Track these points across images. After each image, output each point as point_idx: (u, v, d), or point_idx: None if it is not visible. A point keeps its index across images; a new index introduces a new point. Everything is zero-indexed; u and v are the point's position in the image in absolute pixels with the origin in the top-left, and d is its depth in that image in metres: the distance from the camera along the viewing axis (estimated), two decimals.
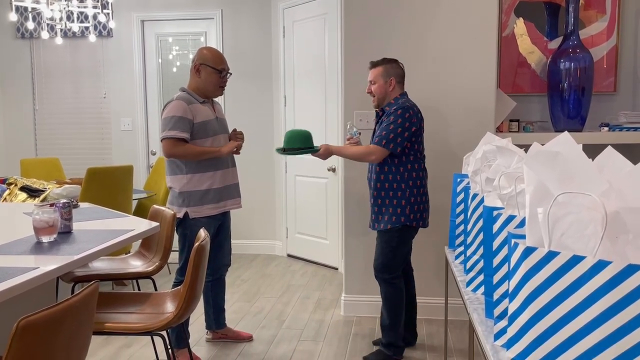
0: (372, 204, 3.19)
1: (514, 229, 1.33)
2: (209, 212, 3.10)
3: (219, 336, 3.47)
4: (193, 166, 3.05)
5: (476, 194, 1.86)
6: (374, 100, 3.18)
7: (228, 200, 3.19)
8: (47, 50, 5.88)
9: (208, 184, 3.08)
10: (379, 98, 3.16)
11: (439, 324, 3.73)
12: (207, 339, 3.48)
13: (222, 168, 3.13)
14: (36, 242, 2.08)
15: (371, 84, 3.15)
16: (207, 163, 3.07)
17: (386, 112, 3.11)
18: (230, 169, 3.20)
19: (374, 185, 3.14)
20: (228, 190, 3.18)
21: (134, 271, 2.68)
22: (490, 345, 1.39)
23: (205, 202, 3.08)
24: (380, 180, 3.11)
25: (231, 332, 3.48)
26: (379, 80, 3.13)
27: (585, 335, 0.89)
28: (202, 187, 3.07)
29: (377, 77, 3.14)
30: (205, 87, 3.13)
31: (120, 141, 5.87)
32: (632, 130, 3.68)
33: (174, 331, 3.12)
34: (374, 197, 3.15)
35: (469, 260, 1.90)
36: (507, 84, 4.09)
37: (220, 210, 3.15)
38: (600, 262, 0.87)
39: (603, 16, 4.00)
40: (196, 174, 3.05)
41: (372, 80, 3.15)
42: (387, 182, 3.10)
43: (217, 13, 5.62)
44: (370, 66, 3.18)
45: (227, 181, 3.17)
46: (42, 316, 1.27)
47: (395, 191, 3.09)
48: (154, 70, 5.81)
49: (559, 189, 0.98)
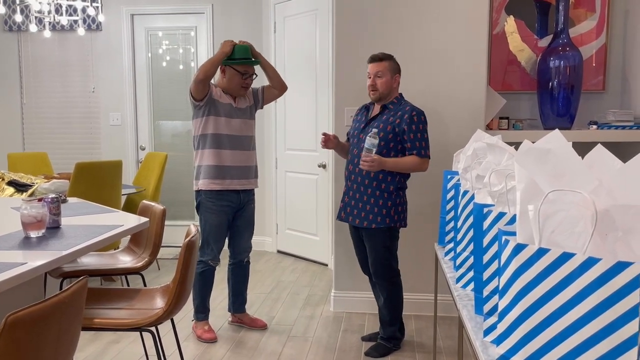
0: (355, 198, 3.14)
1: (505, 226, 1.34)
2: (214, 186, 3.33)
3: (236, 320, 3.65)
4: (206, 143, 3.33)
5: (466, 191, 1.87)
6: (374, 94, 3.10)
7: (234, 179, 3.38)
8: (35, 43, 5.82)
9: (217, 159, 3.33)
10: (382, 93, 3.09)
11: (428, 320, 3.75)
12: (229, 321, 3.68)
13: (231, 148, 3.35)
14: (24, 237, 2.06)
15: (376, 77, 3.07)
16: (220, 141, 3.33)
17: (391, 109, 3.09)
18: (242, 151, 3.40)
19: (365, 181, 3.10)
20: (237, 170, 3.38)
21: (123, 267, 2.66)
22: (480, 341, 1.40)
23: (210, 177, 3.33)
24: (371, 177, 3.09)
25: (247, 318, 3.63)
26: (386, 75, 3.07)
27: (575, 332, 0.90)
28: (212, 163, 3.33)
29: (385, 71, 3.07)
30: (228, 86, 3.38)
31: (109, 136, 5.83)
32: (620, 128, 3.71)
33: (195, 303, 3.45)
34: (361, 192, 3.11)
35: (458, 257, 1.91)
36: (497, 82, 4.10)
37: (225, 187, 3.35)
38: (590, 259, 0.88)
39: (592, 15, 4.02)
40: (205, 149, 3.35)
41: (379, 73, 3.06)
42: (376, 180, 3.08)
43: (207, 8, 5.58)
44: (375, 59, 3.09)
45: (236, 161, 3.37)
46: (30, 312, 1.26)
47: (383, 191, 3.08)
48: (144, 64, 5.77)
49: (550, 186, 0.98)
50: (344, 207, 3.22)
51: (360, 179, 3.12)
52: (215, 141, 3.33)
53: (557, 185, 0.98)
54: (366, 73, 3.18)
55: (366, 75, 3.15)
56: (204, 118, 3.33)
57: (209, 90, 3.31)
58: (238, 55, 3.33)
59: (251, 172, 3.46)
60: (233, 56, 3.33)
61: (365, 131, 3.12)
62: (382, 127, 3.07)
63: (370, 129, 3.08)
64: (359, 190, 3.12)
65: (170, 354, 3.16)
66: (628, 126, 3.70)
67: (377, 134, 2.99)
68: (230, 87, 3.37)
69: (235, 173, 3.37)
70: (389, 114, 3.09)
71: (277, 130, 5.51)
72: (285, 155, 5.44)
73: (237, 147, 3.37)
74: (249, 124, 3.44)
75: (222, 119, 3.33)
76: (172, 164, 5.72)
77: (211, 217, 3.36)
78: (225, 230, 3.43)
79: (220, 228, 3.38)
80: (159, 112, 5.84)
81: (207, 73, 3.24)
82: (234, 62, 3.33)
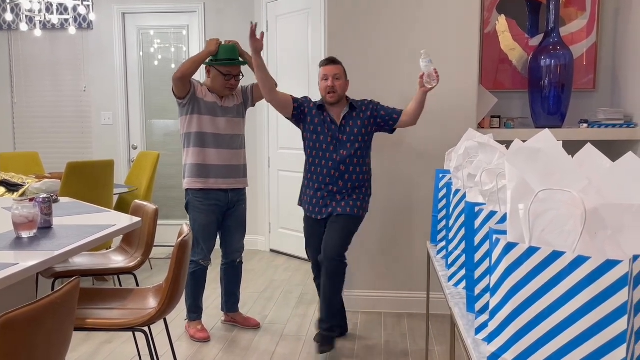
0: (334, 191, 3.18)
1: (496, 224, 1.35)
2: (198, 184, 3.33)
3: (229, 319, 3.65)
4: (190, 141, 3.34)
5: (458, 190, 1.88)
6: (332, 96, 3.15)
7: (220, 178, 3.36)
8: (26, 42, 5.78)
9: (201, 158, 3.32)
10: (340, 95, 3.18)
11: (421, 318, 3.76)
12: (222, 320, 3.68)
13: (215, 147, 3.34)
14: (16, 237, 2.05)
15: (335, 79, 3.14)
16: (204, 140, 3.32)
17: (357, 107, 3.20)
18: (228, 150, 3.38)
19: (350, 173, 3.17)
20: (221, 169, 3.36)
21: (116, 267, 2.65)
22: (472, 339, 1.41)
23: (193, 176, 3.34)
24: (358, 170, 3.18)
25: (240, 317, 3.63)
26: (342, 77, 3.18)
27: (565, 329, 0.91)
28: (196, 161, 3.33)
29: (341, 74, 3.18)
30: (212, 86, 3.37)
31: (101, 135, 5.81)
32: (610, 127, 3.74)
33: (187, 303, 3.44)
34: (344, 182, 3.16)
35: (450, 255, 1.92)
36: (489, 81, 4.12)
37: (209, 186, 3.34)
38: (579, 257, 0.89)
39: (583, 14, 4.05)
40: (189, 148, 3.35)
41: (337, 75, 3.16)
42: (365, 173, 3.21)
43: (199, 6, 5.57)
44: (332, 62, 3.19)
45: (221, 160, 3.35)
46: (22, 313, 1.26)
47: (366, 181, 3.22)
48: (135, 63, 5.75)
49: (540, 185, 0.99)
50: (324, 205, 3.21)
51: (348, 176, 3.18)
52: (199, 140, 3.32)
53: (547, 184, 0.99)
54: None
55: (324, 76, 3.16)
56: (188, 116, 3.33)
57: (190, 88, 3.29)
58: (222, 56, 3.32)
59: (239, 172, 3.44)
60: (218, 56, 3.32)
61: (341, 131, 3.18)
62: (360, 124, 3.18)
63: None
64: (346, 187, 3.18)
65: (163, 353, 3.16)
66: (618, 124, 3.73)
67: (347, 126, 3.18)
68: (215, 87, 3.36)
69: (221, 172, 3.35)
70: (357, 112, 3.20)
71: (270, 129, 5.51)
72: (277, 154, 5.44)
73: (222, 146, 3.35)
74: (235, 123, 3.41)
75: (206, 118, 3.32)
76: (164, 163, 5.70)
77: (200, 216, 3.36)
78: (215, 230, 3.42)
79: (209, 227, 3.37)
80: (151, 111, 5.82)
81: (186, 72, 3.22)
82: (217, 63, 3.32)
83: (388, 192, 3.82)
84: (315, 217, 3.24)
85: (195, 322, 3.46)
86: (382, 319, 3.77)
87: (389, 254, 3.88)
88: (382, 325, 3.66)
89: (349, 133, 3.17)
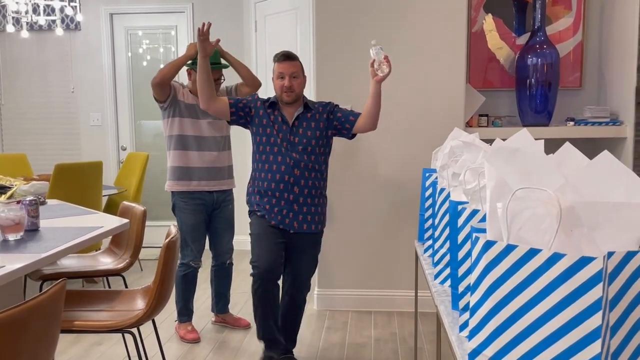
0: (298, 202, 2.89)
1: (478, 223, 1.37)
2: (180, 187, 3.35)
3: (219, 320, 3.66)
4: (172, 144, 3.36)
5: (443, 189, 1.89)
6: (289, 95, 2.88)
7: (202, 180, 3.36)
8: (13, 43, 5.75)
9: (183, 161, 3.34)
10: (298, 94, 2.92)
11: (409, 317, 3.78)
12: (212, 321, 3.69)
13: (197, 149, 3.34)
14: (2, 240, 2.04)
15: (292, 78, 2.87)
16: (185, 142, 3.33)
17: (312, 107, 2.93)
18: (210, 152, 3.37)
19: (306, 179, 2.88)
20: (203, 171, 3.36)
21: (104, 268, 2.65)
22: (456, 336, 1.42)
23: (176, 179, 3.36)
24: (314, 176, 2.91)
25: (230, 318, 3.64)
26: (300, 76, 2.92)
27: (542, 325, 0.92)
28: (178, 164, 3.35)
29: (299, 72, 2.92)
30: (194, 89, 3.36)
31: (89, 136, 5.79)
32: (596, 124, 3.77)
33: (178, 305, 3.45)
34: (304, 196, 2.89)
35: (436, 254, 1.94)
36: (477, 79, 4.15)
37: (192, 188, 3.35)
38: (555, 254, 0.90)
39: (569, 12, 4.08)
40: (171, 150, 3.38)
41: (294, 73, 2.88)
42: (320, 180, 2.95)
43: (187, 7, 5.56)
44: (288, 58, 2.90)
45: (203, 162, 3.36)
46: (7, 315, 1.26)
47: (322, 189, 2.97)
48: (124, 64, 5.73)
49: (518, 184, 1.01)
50: (280, 212, 2.90)
51: (304, 182, 2.89)
52: (180, 142, 3.34)
53: (525, 183, 1.00)
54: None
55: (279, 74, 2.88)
56: (170, 119, 3.35)
57: (170, 91, 3.32)
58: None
59: (222, 173, 3.44)
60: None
61: (294, 132, 2.89)
62: (315, 126, 2.91)
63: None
64: (302, 194, 2.89)
65: (153, 355, 3.16)
66: (604, 122, 3.77)
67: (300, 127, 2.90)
68: (196, 90, 3.32)
69: (204, 174, 3.35)
70: (312, 113, 2.93)
71: None
72: None
73: (204, 148, 3.35)
74: (218, 125, 3.40)
75: (187, 120, 3.33)
76: (153, 164, 5.69)
77: (186, 217, 3.36)
78: (203, 230, 3.42)
79: (197, 227, 3.38)
80: (139, 111, 5.81)
81: (164, 77, 3.25)
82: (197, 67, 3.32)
83: (376, 191, 3.83)
84: (275, 225, 2.92)
85: (186, 323, 3.46)
86: (372, 318, 3.78)
87: (378, 252, 3.89)
88: (372, 324, 3.67)
89: (302, 135, 2.89)
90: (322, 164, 2.94)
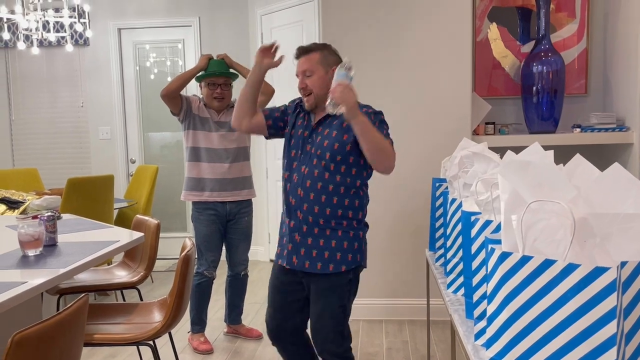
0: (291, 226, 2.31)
1: (491, 234, 1.40)
2: (192, 197, 3.43)
3: (232, 331, 3.69)
4: (187, 155, 3.46)
5: (454, 199, 1.92)
6: (309, 99, 2.30)
7: (214, 192, 3.41)
8: (24, 60, 5.83)
9: (195, 172, 3.42)
10: (318, 95, 2.27)
11: (422, 325, 3.80)
12: (224, 332, 3.71)
13: (208, 161, 3.40)
14: (22, 255, 2.08)
15: (305, 76, 2.30)
16: (198, 154, 3.41)
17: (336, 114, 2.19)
18: (221, 164, 3.42)
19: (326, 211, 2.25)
20: (215, 182, 3.40)
21: (119, 281, 2.69)
22: (472, 345, 1.45)
23: (189, 189, 3.44)
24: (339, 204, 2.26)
25: (242, 329, 3.68)
26: (318, 70, 2.29)
27: (558, 334, 0.95)
28: (191, 175, 3.44)
29: (315, 66, 2.29)
30: (206, 99, 3.47)
31: (99, 150, 5.85)
32: (602, 130, 3.79)
33: (191, 314, 3.48)
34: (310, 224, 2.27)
35: (449, 263, 1.97)
36: (483, 88, 4.18)
37: (204, 198, 3.40)
38: (569, 265, 0.93)
39: (573, 19, 4.12)
40: (187, 162, 3.47)
41: (307, 70, 2.30)
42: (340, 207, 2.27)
43: (194, 20, 5.63)
44: (302, 52, 2.35)
45: (215, 174, 3.41)
46: (35, 330, 1.30)
47: (351, 220, 2.29)
48: (132, 78, 5.80)
49: (531, 196, 1.04)
50: (294, 250, 2.31)
51: (319, 209, 2.25)
52: (194, 154, 3.43)
53: (538, 195, 1.03)
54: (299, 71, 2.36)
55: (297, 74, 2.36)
56: (186, 132, 3.46)
57: (182, 104, 3.40)
58: (208, 70, 3.43)
59: (236, 184, 3.46)
60: (206, 70, 3.44)
61: (310, 140, 2.31)
62: (337, 134, 2.25)
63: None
64: (307, 222, 2.27)
65: None
66: (610, 128, 3.79)
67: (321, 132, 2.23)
68: (207, 101, 3.46)
69: (215, 185, 3.40)
70: (340, 117, 2.23)
71: (268, 140, 5.55)
72: (275, 164, 5.48)
73: (215, 160, 3.41)
74: (230, 137, 3.44)
75: (200, 133, 3.42)
76: (162, 175, 5.74)
77: (201, 227, 3.43)
78: (217, 241, 3.46)
79: (210, 238, 3.42)
80: (148, 124, 5.87)
81: (170, 89, 3.34)
82: (203, 76, 3.44)
83: (386, 200, 3.86)
84: (281, 264, 2.37)
85: (199, 334, 3.49)
86: (384, 327, 3.80)
87: (389, 261, 3.92)
88: (384, 333, 3.69)
89: (318, 144, 2.26)
90: (341, 185, 2.25)
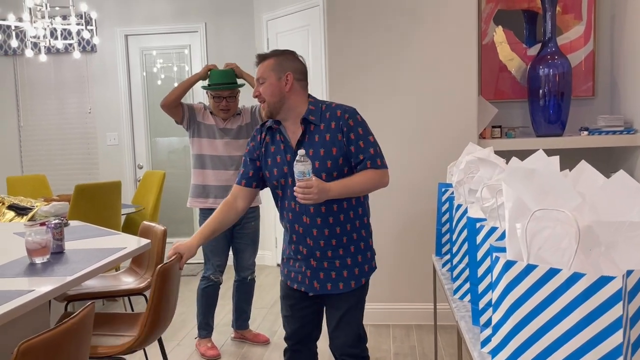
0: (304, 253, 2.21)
1: (496, 241, 1.39)
2: (198, 204, 3.47)
3: (239, 336, 3.69)
4: (193, 163, 3.52)
5: (460, 205, 1.92)
6: (264, 107, 2.19)
7: (218, 198, 3.39)
8: (31, 67, 5.88)
9: (200, 179, 3.46)
10: (271, 103, 2.16)
11: (429, 330, 3.78)
12: (231, 337, 3.72)
13: (213, 168, 3.44)
14: (29, 263, 2.09)
15: (259, 83, 2.18)
16: (203, 161, 3.45)
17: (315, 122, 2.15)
18: (226, 171, 3.45)
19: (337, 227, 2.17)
20: (220, 189, 3.42)
21: (126, 288, 2.70)
22: (478, 352, 1.44)
23: (194, 196, 3.49)
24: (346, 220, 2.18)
25: (249, 334, 3.69)
26: (269, 77, 2.16)
27: (564, 344, 0.94)
28: (196, 182, 3.49)
29: (267, 73, 2.16)
30: (211, 107, 3.51)
31: (107, 156, 5.88)
32: (610, 133, 3.77)
33: (198, 319, 3.50)
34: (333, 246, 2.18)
35: (455, 269, 1.96)
36: (489, 91, 4.17)
37: (208, 205, 3.40)
38: (575, 274, 0.93)
39: (580, 22, 4.10)
40: (193, 169, 3.52)
41: (260, 78, 2.18)
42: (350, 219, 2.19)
43: (200, 26, 5.66)
44: (257, 61, 2.23)
45: (219, 181, 3.44)
46: (41, 339, 1.30)
47: (360, 230, 2.22)
48: (139, 84, 5.83)
49: (536, 204, 1.03)
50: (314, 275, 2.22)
51: (329, 232, 2.16)
52: (199, 161, 3.47)
53: (542, 203, 1.03)
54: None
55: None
56: (192, 139, 3.51)
57: (183, 113, 3.46)
58: (212, 81, 3.44)
59: None
60: (210, 81, 3.44)
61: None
62: (325, 152, 2.13)
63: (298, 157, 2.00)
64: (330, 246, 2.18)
65: None
66: (618, 131, 3.76)
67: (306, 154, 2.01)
68: (213, 110, 3.49)
69: (219, 192, 3.40)
70: (319, 131, 2.15)
71: None
72: None
73: (219, 167, 3.45)
74: (235, 144, 3.46)
75: (204, 140, 3.46)
76: (169, 181, 5.75)
77: None
78: (223, 246, 3.46)
79: (216, 243, 3.41)
80: (155, 129, 5.90)
81: (168, 99, 3.40)
82: (207, 88, 3.46)
83: (391, 204, 3.85)
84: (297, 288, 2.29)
85: (206, 339, 3.50)
86: (391, 331, 3.79)
87: (395, 265, 3.90)
88: (391, 338, 3.68)
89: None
90: (343, 200, 2.15)
